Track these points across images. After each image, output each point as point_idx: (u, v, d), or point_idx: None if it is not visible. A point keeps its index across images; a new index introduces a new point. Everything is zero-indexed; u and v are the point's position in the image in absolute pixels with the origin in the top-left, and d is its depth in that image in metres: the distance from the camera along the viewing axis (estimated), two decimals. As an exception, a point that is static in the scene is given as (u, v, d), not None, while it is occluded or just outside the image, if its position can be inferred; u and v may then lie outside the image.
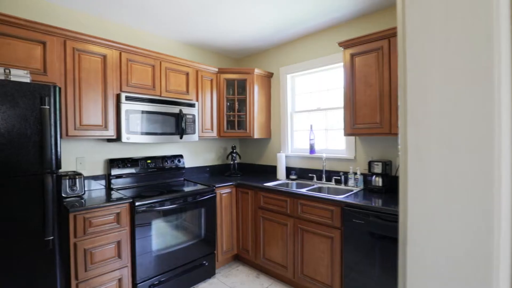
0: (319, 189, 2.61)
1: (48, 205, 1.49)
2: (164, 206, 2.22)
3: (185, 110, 2.69)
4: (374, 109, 2.13)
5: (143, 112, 2.36)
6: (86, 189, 2.37)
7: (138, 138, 2.33)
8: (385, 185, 2.23)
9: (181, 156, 3.03)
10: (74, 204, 1.86)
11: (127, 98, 2.26)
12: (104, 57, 2.19)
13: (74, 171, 2.22)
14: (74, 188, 2.06)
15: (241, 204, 2.82)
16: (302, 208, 2.26)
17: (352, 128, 2.26)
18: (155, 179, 2.78)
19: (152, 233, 2.16)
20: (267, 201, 2.54)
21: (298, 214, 2.29)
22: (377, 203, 1.90)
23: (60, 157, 1.58)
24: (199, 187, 2.61)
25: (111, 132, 2.23)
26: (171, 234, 2.29)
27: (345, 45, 2.27)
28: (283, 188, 2.44)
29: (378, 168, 2.25)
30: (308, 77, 3.07)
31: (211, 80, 3.03)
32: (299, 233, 2.29)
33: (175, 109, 2.60)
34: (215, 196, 2.63)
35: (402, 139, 0.60)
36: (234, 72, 3.08)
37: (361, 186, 2.46)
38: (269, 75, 3.30)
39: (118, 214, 1.98)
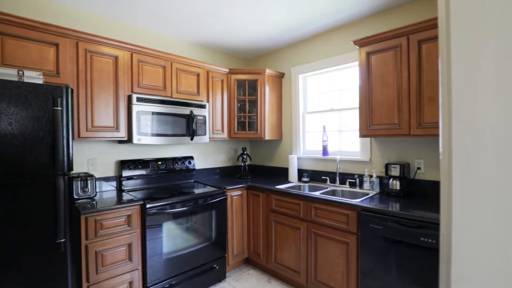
0: (333, 192, 2.53)
1: (60, 207, 1.48)
2: (174, 208, 2.18)
3: (196, 111, 2.66)
4: (391, 110, 2.05)
5: (154, 113, 2.34)
6: (97, 190, 2.36)
7: (149, 139, 2.31)
8: (403, 189, 2.13)
9: (191, 157, 3.01)
10: (86, 206, 1.85)
11: (138, 99, 2.24)
12: (116, 58, 2.18)
13: (86, 173, 2.22)
14: (86, 189, 2.05)
15: (252, 206, 2.76)
16: (316, 212, 2.19)
17: (368, 129, 2.18)
18: (166, 181, 2.76)
19: (162, 235, 2.13)
20: (279, 204, 2.48)
21: (312, 218, 2.21)
22: (396, 207, 1.81)
23: (72, 158, 1.57)
24: (209, 189, 2.57)
25: (122, 134, 2.22)
26: (181, 236, 2.25)
27: (361, 43, 2.20)
28: (296, 191, 2.37)
29: (395, 171, 2.16)
30: (321, 77, 2.99)
31: (222, 81, 3.00)
32: (312, 238, 2.22)
33: (185, 110, 2.58)
34: (226, 199, 2.59)
35: (444, 140, 0.53)
36: (245, 73, 3.04)
37: (377, 190, 2.36)
38: (281, 75, 3.24)
39: (129, 216, 1.96)
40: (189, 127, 2.60)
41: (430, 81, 1.86)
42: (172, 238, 2.19)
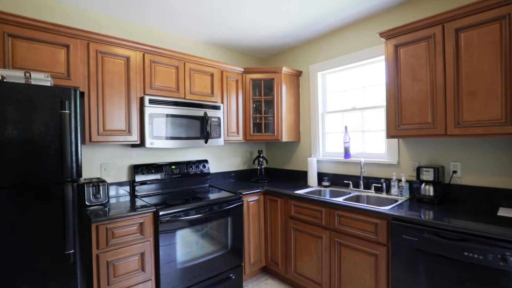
0: (357, 198, 2.34)
1: (68, 216, 1.40)
2: (189, 215, 2.08)
3: (210, 113, 2.55)
4: (424, 107, 1.84)
5: (167, 115, 2.26)
6: (110, 196, 2.30)
7: (162, 143, 2.23)
8: (438, 195, 1.92)
9: (206, 161, 2.91)
10: (98, 213, 1.78)
11: (151, 101, 2.16)
12: (127, 59, 2.11)
13: (98, 178, 2.16)
14: (98, 196, 1.99)
15: (269, 212, 2.62)
16: (340, 219, 2.01)
17: (397, 129, 1.98)
18: (180, 186, 2.67)
19: (176, 244, 2.02)
20: (299, 210, 2.32)
21: (335, 227, 2.04)
22: (432, 216, 1.61)
23: (81, 164, 1.49)
24: (225, 194, 2.45)
25: (134, 137, 2.14)
26: (196, 244, 2.14)
27: (388, 35, 2.01)
28: (317, 197, 2.20)
29: (428, 175, 1.95)
30: (341, 74, 2.81)
31: (237, 81, 2.88)
32: (336, 248, 2.04)
33: (199, 112, 2.47)
34: (242, 204, 2.46)
35: None
36: (261, 72, 2.91)
37: (407, 195, 2.16)
38: (298, 74, 3.08)
39: (141, 224, 1.87)
40: (203, 129, 2.50)
41: (470, 73, 1.64)
42: (186, 246, 2.08)
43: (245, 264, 2.51)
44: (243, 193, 2.49)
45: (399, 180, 2.23)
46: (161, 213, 1.94)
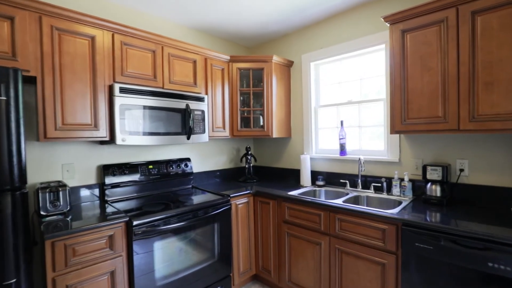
0: (356, 199, 2.16)
1: (6, 236, 1.07)
2: (169, 224, 1.78)
3: (193, 105, 2.25)
4: (434, 100, 1.67)
5: (141, 107, 1.93)
6: (73, 203, 1.95)
7: (136, 139, 1.90)
8: (446, 196, 1.76)
9: (188, 159, 2.60)
10: (56, 226, 1.44)
11: (122, 90, 1.83)
12: (92, 39, 1.76)
13: (58, 182, 1.80)
14: (57, 203, 1.64)
15: (260, 216, 2.38)
16: (341, 224, 1.81)
17: (403, 124, 1.80)
18: (159, 188, 2.36)
19: (154, 257, 1.73)
20: (294, 214, 2.09)
21: (336, 232, 1.84)
22: (446, 221, 1.44)
23: (25, 167, 1.16)
24: (211, 197, 2.17)
25: (102, 133, 1.80)
26: (178, 256, 1.86)
27: (393, 19, 1.81)
28: (316, 199, 1.99)
29: (436, 174, 1.79)
30: (336, 64, 2.60)
31: (222, 70, 2.59)
32: (336, 255, 1.84)
33: (181, 104, 2.16)
34: (230, 208, 2.19)
35: None
36: (249, 61, 2.63)
37: (410, 196, 2.00)
38: (289, 64, 2.84)
39: (111, 237, 1.56)
40: (185, 124, 2.20)
41: (488, 61, 1.48)
42: (166, 259, 1.79)
43: (234, 274, 2.25)
44: (231, 195, 2.22)
45: (402, 179, 2.07)
46: (135, 222, 1.63)
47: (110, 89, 1.82)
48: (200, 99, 2.31)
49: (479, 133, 1.53)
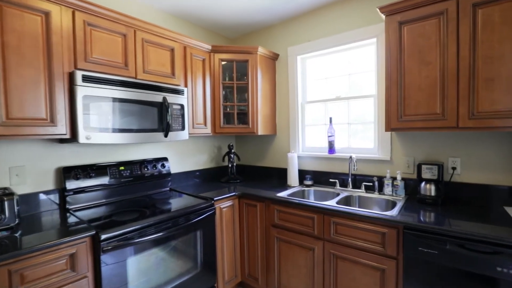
0: (347, 199, 2.06)
1: None
2: (145, 236, 1.54)
3: (171, 98, 2.00)
4: (433, 96, 1.60)
5: (110, 99, 1.65)
6: (26, 214, 1.63)
7: (104, 137, 1.62)
8: (440, 195, 1.72)
9: (165, 159, 2.34)
10: (-3, 247, 1.14)
11: (86, 79, 1.54)
12: (47, 16, 1.44)
13: (3, 189, 1.48)
14: (1, 216, 1.33)
15: (246, 220, 2.20)
16: (337, 228, 1.69)
17: (399, 120, 1.71)
18: (132, 192, 2.08)
19: (128, 275, 1.48)
20: (285, 217, 1.94)
21: (331, 236, 1.72)
22: (449, 223, 1.37)
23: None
24: (193, 201, 1.95)
25: (61, 129, 1.50)
26: (157, 271, 1.62)
27: (390, 10, 1.71)
28: (308, 201, 1.85)
29: (431, 173, 1.74)
30: (324, 59, 2.49)
31: (203, 61, 2.35)
32: (331, 261, 1.73)
33: (157, 97, 1.91)
34: (214, 213, 1.99)
35: None
36: (232, 51, 2.42)
37: (402, 195, 1.94)
38: (275, 57, 2.68)
39: (73, 256, 1.29)
40: (162, 119, 1.94)
41: (489, 57, 1.43)
42: (143, 275, 1.55)
43: (218, 284, 2.06)
44: (215, 198, 2.02)
45: (394, 178, 2.00)
46: (103, 236, 1.37)
47: (71, 77, 1.52)
48: (179, 92, 2.06)
49: (479, 130, 1.49)
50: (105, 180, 1.93)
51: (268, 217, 2.05)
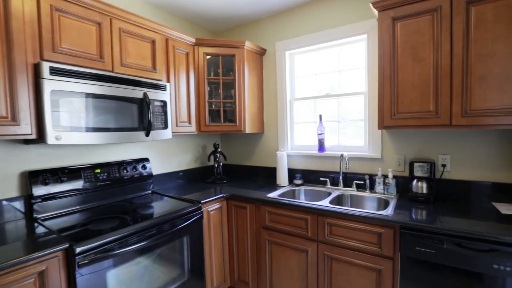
0: (339, 198, 2.02)
1: None
2: (127, 246, 1.39)
3: (152, 94, 1.84)
4: (426, 93, 1.58)
5: (83, 95, 1.47)
6: (-16, 225, 1.42)
7: (77, 137, 1.45)
8: (432, 192, 1.72)
9: (146, 159, 2.18)
10: None
11: (54, 72, 1.35)
12: (5, -3, 1.25)
13: (-45, 199, 1.27)
14: (-48, 232, 1.13)
15: (235, 222, 2.10)
16: (331, 229, 1.64)
17: (393, 118, 1.69)
18: (110, 197, 1.90)
19: (108, 290, 1.33)
20: (276, 218, 1.87)
21: (325, 238, 1.66)
22: (444, 221, 1.36)
23: None
24: (178, 204, 1.82)
25: (25, 129, 1.31)
26: (141, 283, 1.48)
27: (383, 5, 1.67)
28: (302, 202, 1.78)
29: (423, 171, 1.73)
30: (313, 55, 2.42)
31: (187, 54, 2.20)
32: (326, 263, 1.68)
33: (137, 93, 1.74)
34: (202, 217, 1.87)
35: None
36: (218, 45, 2.29)
37: (394, 193, 1.93)
38: (262, 52, 2.58)
39: (42, 273, 1.12)
40: (143, 117, 1.79)
41: (482, 54, 1.42)
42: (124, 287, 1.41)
43: (206, 291, 1.95)
44: (202, 201, 1.90)
45: (385, 176, 1.99)
46: (78, 249, 1.21)
47: (36, 69, 1.33)
48: (161, 88, 1.91)
49: (472, 128, 1.49)
50: (79, 184, 1.74)
51: (259, 219, 1.96)
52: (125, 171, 2.00)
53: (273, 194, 2.01)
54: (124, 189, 1.99)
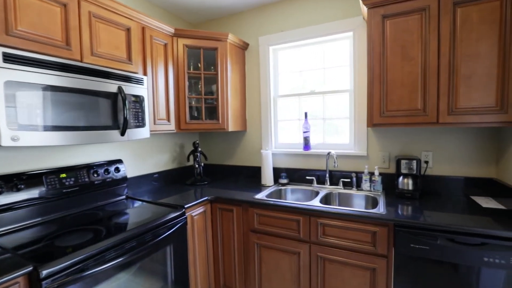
0: (328, 197, 2.00)
1: None
2: (104, 263, 1.21)
3: (128, 88, 1.65)
4: (414, 92, 1.61)
5: (47, 88, 1.25)
6: None
7: (39, 137, 1.23)
8: (417, 189, 1.76)
9: (119, 161, 1.96)
10: None
11: (9, 59, 1.12)
12: None
13: None
14: None
15: (221, 226, 1.98)
16: (324, 229, 1.61)
17: (382, 116, 1.70)
18: (78, 205, 1.67)
19: (83, 315, 1.15)
20: (266, 221, 1.79)
21: (318, 239, 1.62)
22: (435, 216, 1.39)
23: None
24: (159, 210, 1.65)
25: (-29, 128, 1.07)
26: (119, 302, 1.31)
27: (373, 3, 1.66)
28: (294, 203, 1.72)
29: (411, 167, 1.77)
30: (297, 51, 2.37)
31: (165, 46, 2.02)
32: (319, 264, 1.64)
33: (110, 86, 1.54)
34: (186, 223, 1.73)
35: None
36: (199, 37, 2.14)
37: (380, 190, 1.95)
38: (244, 46, 2.47)
39: (0, 306, 0.92)
40: (117, 114, 1.59)
41: (467, 54, 1.47)
42: (102, 312, 1.23)
43: (192, 302, 1.81)
44: (186, 205, 1.75)
45: (371, 174, 2.01)
46: (44, 272, 1.02)
47: (-16, 54, 1.09)
48: (138, 81, 1.71)
49: (457, 126, 1.54)
50: (40, 192, 1.49)
51: (247, 222, 1.87)
52: (95, 175, 1.78)
53: (261, 195, 1.93)
54: (94, 195, 1.76)
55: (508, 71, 1.40)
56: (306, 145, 2.28)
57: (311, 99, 2.33)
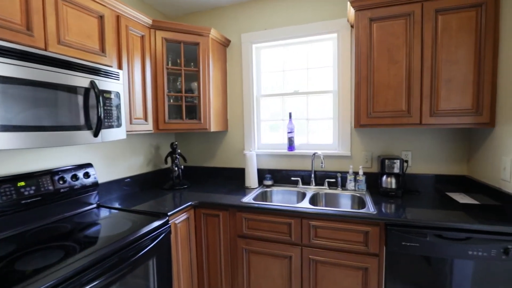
0: (314, 198, 1.99)
1: None
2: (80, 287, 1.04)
3: (102, 83, 1.46)
4: (399, 94, 1.66)
5: (2, 79, 1.04)
6: None
7: (-3, 140, 1.01)
8: (400, 187, 1.83)
9: (89, 165, 1.74)
10: None
11: (-46, 41, 0.90)
12: None
13: None
14: None
15: (205, 233, 1.86)
16: (316, 232, 1.59)
17: (369, 117, 1.73)
18: (41, 217, 1.44)
19: None
20: (255, 225, 1.72)
21: (310, 241, 1.60)
22: (420, 213, 1.45)
23: None
24: (138, 219, 1.49)
25: None
26: (97, 329, 1.14)
27: (361, 5, 1.68)
28: (285, 206, 1.67)
29: (395, 167, 1.83)
30: (281, 50, 2.34)
31: (142, 38, 1.84)
32: (310, 267, 1.61)
33: (81, 81, 1.34)
34: (170, 232, 1.58)
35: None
36: (179, 31, 1.99)
37: (364, 189, 2.00)
38: (226, 43, 2.36)
39: None
40: (88, 112, 1.39)
41: (447, 60, 1.56)
42: None
43: (176, 317, 1.67)
44: (169, 213, 1.60)
45: (356, 173, 2.05)
46: (11, 304, 0.83)
47: None
48: (112, 75, 1.53)
49: (439, 127, 1.62)
50: (-8, 204, 1.25)
51: (234, 227, 1.78)
52: (61, 182, 1.54)
53: (248, 198, 1.86)
54: (60, 205, 1.53)
55: (482, 76, 1.51)
56: (291, 145, 2.25)
57: (294, 99, 2.31)
